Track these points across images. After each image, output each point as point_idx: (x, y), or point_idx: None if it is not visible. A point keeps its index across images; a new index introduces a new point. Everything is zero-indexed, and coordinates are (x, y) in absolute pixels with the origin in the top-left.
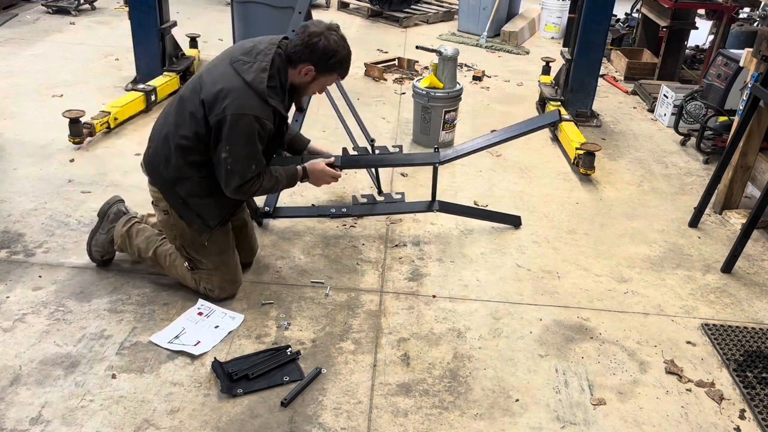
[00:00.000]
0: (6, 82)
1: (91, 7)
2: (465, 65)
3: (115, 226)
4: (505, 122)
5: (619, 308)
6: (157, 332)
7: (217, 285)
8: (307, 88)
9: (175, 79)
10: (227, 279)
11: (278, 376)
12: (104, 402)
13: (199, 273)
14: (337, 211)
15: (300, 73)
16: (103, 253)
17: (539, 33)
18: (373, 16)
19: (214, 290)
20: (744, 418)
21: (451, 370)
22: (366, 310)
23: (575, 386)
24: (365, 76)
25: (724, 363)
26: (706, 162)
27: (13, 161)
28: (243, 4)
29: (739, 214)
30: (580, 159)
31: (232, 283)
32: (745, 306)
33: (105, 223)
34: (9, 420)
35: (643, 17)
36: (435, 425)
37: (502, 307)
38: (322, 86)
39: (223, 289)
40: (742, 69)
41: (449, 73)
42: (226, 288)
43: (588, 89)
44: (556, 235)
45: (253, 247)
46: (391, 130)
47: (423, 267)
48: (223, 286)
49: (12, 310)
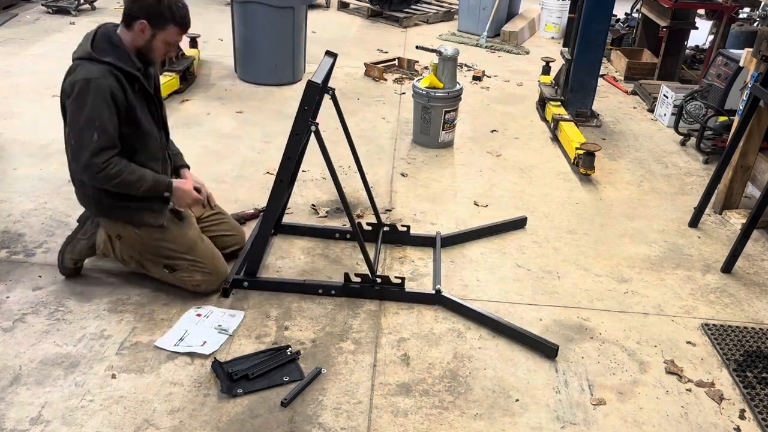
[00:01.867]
0: (6, 82)
1: (91, 7)
2: (465, 65)
3: (97, 232)
4: (505, 122)
5: (619, 308)
6: (161, 337)
7: (201, 280)
8: (152, 49)
9: (175, 79)
10: (208, 271)
11: (278, 376)
12: (104, 402)
13: (180, 273)
14: (325, 291)
15: (137, 32)
16: (77, 261)
17: (539, 33)
18: (373, 16)
19: (200, 285)
20: (744, 418)
21: (451, 370)
22: (366, 310)
23: (575, 386)
24: (365, 76)
25: (724, 363)
26: (706, 162)
27: (13, 161)
28: (243, 4)
29: (739, 214)
30: (580, 159)
31: (215, 274)
32: (745, 306)
33: (88, 228)
34: (9, 420)
35: (643, 17)
36: (435, 425)
37: (502, 307)
38: (167, 45)
39: (208, 282)
40: (742, 69)
41: (449, 73)
42: (211, 280)
43: (588, 89)
44: (556, 235)
45: (233, 233)
46: (391, 130)
47: (423, 267)
48: (206, 279)
49: (12, 310)
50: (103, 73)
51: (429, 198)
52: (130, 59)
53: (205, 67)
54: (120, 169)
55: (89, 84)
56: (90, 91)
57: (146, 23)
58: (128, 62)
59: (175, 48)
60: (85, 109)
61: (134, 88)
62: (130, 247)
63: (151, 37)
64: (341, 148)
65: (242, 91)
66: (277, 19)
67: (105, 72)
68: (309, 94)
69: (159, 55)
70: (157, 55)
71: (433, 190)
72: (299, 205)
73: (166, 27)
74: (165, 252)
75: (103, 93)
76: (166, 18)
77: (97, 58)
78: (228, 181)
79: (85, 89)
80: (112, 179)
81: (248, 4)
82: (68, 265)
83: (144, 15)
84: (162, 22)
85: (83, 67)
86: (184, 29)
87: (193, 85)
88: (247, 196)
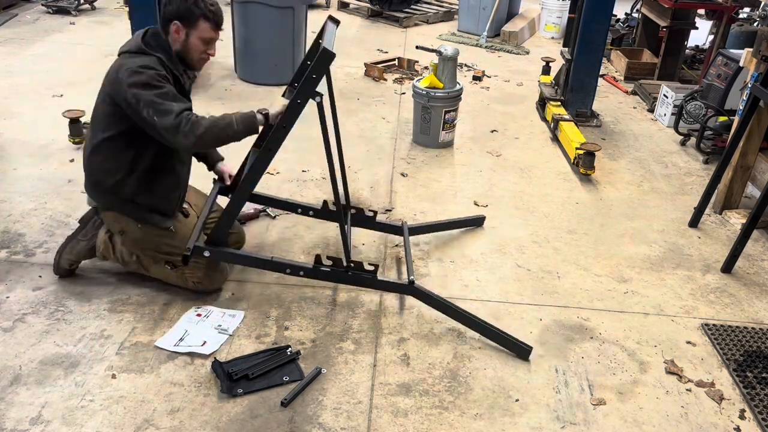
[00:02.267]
0: (6, 82)
1: (91, 7)
2: (465, 65)
3: (98, 234)
4: (505, 122)
5: (619, 308)
6: (161, 337)
7: (204, 276)
8: (190, 49)
9: None
10: (212, 267)
11: (278, 376)
12: (104, 402)
13: (181, 270)
14: (293, 271)
15: (173, 35)
16: (73, 262)
17: (539, 33)
18: (373, 16)
19: (203, 281)
20: (744, 418)
21: (451, 370)
22: (366, 310)
23: (575, 386)
24: (365, 76)
25: (724, 363)
26: (706, 162)
27: (13, 161)
28: (243, 4)
29: (739, 214)
30: (580, 159)
31: (220, 271)
32: (745, 306)
33: (89, 229)
34: (9, 420)
35: (643, 17)
36: (435, 425)
37: (502, 307)
38: (203, 43)
39: (212, 279)
40: (742, 69)
41: (449, 73)
42: (214, 277)
43: (588, 89)
44: (556, 235)
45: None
46: (391, 130)
47: (423, 267)
48: (210, 275)
49: (12, 310)
50: (155, 62)
51: (429, 198)
52: (175, 60)
53: (205, 67)
54: (204, 117)
55: (147, 69)
56: (150, 73)
57: (179, 23)
58: (174, 62)
59: (212, 47)
60: (151, 86)
61: (176, 88)
62: (132, 244)
63: (186, 37)
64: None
65: (242, 91)
66: (277, 19)
67: (157, 62)
68: (322, 61)
69: (197, 55)
70: (196, 56)
71: (433, 190)
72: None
73: (198, 23)
74: (166, 248)
75: (160, 74)
76: (195, 14)
77: (149, 51)
78: None
79: (145, 72)
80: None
81: (248, 4)
82: (64, 266)
83: (175, 15)
84: (193, 18)
85: (137, 57)
86: (216, 24)
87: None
88: None
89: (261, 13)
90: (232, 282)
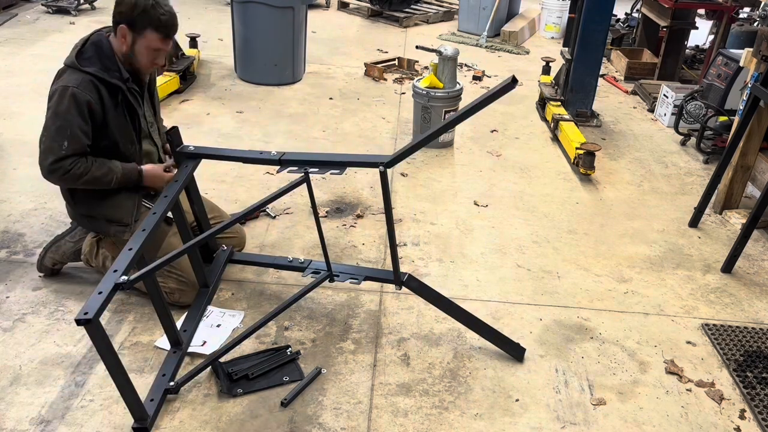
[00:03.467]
0: (6, 82)
1: (91, 7)
2: (465, 65)
3: (85, 238)
4: (505, 122)
5: (619, 308)
6: (161, 337)
7: (175, 288)
8: (136, 56)
9: (175, 78)
10: (183, 280)
11: (278, 376)
12: (104, 402)
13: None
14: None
15: (120, 39)
16: (57, 262)
17: (539, 33)
18: (373, 16)
19: (174, 293)
20: (744, 418)
21: (451, 370)
22: (366, 310)
23: (575, 386)
24: (365, 76)
25: (724, 363)
26: (706, 162)
27: (13, 161)
28: (243, 4)
29: (739, 214)
30: (580, 159)
31: (191, 285)
32: (745, 306)
33: (78, 231)
34: (9, 420)
35: (643, 17)
36: (435, 425)
37: (502, 307)
38: (150, 51)
39: (182, 292)
40: (742, 69)
41: (449, 73)
42: (185, 291)
43: (588, 89)
44: (556, 235)
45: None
46: (391, 130)
47: (423, 267)
48: (180, 288)
49: (12, 310)
50: (82, 83)
51: (429, 198)
52: (116, 69)
53: (205, 67)
54: (87, 166)
55: (66, 92)
56: (66, 99)
57: (126, 28)
58: (113, 72)
59: (162, 56)
60: (59, 116)
61: (116, 100)
62: (112, 248)
63: (132, 43)
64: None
65: (242, 91)
66: (277, 19)
67: (85, 82)
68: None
69: (145, 63)
70: (143, 63)
71: (433, 190)
72: (299, 205)
73: (145, 32)
74: None
75: (79, 103)
76: (143, 21)
77: (80, 67)
78: (228, 181)
79: (63, 97)
80: (80, 177)
81: (248, 4)
82: (47, 264)
83: (123, 19)
84: (140, 26)
85: (66, 75)
86: (165, 35)
87: (192, 85)
88: (246, 196)
89: (261, 13)
90: (232, 282)
